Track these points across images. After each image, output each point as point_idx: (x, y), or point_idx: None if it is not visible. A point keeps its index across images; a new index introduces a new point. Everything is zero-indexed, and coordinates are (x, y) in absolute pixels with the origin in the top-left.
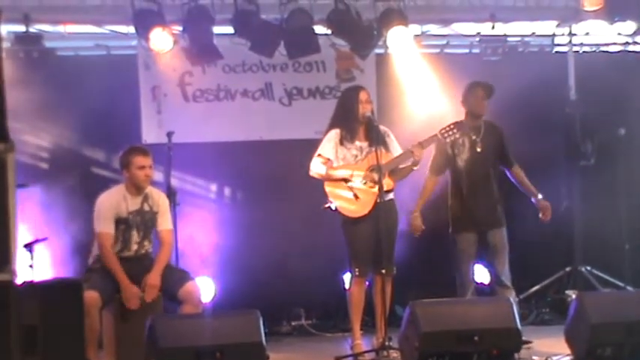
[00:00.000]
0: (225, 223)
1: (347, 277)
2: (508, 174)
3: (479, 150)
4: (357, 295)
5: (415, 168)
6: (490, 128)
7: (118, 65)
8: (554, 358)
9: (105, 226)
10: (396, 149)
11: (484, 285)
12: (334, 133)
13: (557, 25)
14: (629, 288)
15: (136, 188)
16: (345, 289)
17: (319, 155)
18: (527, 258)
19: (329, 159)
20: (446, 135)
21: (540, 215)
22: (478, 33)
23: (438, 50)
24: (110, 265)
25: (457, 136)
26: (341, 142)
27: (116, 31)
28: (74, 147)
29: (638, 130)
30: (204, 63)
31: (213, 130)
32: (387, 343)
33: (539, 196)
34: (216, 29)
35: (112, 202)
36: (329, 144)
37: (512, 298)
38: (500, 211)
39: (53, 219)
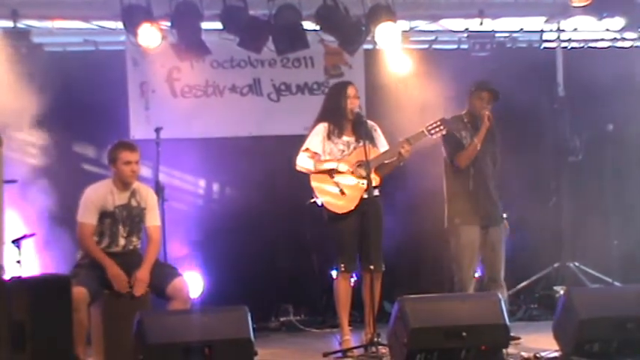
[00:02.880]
0: (214, 218)
1: (334, 273)
2: None
3: (479, 146)
4: (344, 291)
5: (401, 164)
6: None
7: (106, 61)
8: (543, 353)
9: (86, 217)
10: (383, 144)
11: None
12: (322, 127)
13: (546, 21)
14: (617, 284)
15: (123, 183)
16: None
17: (306, 149)
18: (515, 254)
19: (316, 153)
20: (432, 131)
21: None
22: (466, 29)
23: (426, 46)
24: (92, 253)
25: (444, 132)
26: (328, 137)
27: (104, 27)
28: (62, 142)
29: (626, 126)
30: (192, 59)
31: (201, 126)
32: (375, 339)
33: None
34: (205, 25)
35: (99, 194)
36: (316, 138)
37: (504, 295)
38: (501, 208)
39: (41, 215)
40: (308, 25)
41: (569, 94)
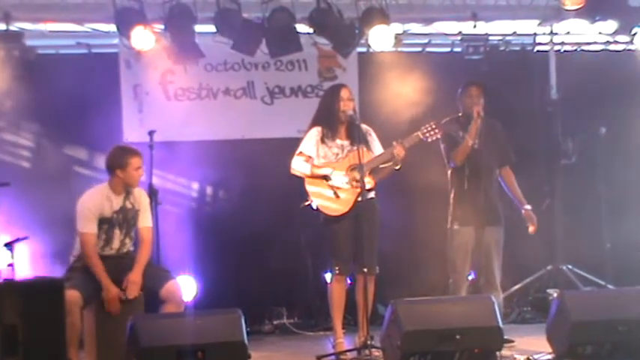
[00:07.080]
0: (207, 221)
1: (328, 276)
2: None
3: (475, 147)
4: (338, 294)
5: (396, 168)
6: (487, 125)
7: (99, 64)
8: (536, 356)
9: (88, 227)
10: (378, 148)
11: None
12: (315, 131)
13: (539, 24)
14: (609, 287)
15: (125, 188)
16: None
17: (300, 153)
18: (508, 256)
19: (310, 156)
20: (427, 135)
21: (529, 227)
22: (460, 32)
23: (419, 49)
24: (93, 266)
25: (439, 136)
26: (322, 140)
27: (97, 30)
28: (55, 145)
29: (619, 129)
30: (185, 62)
31: (194, 129)
32: (369, 342)
33: (527, 207)
34: (198, 28)
35: (96, 202)
36: (310, 141)
37: (499, 299)
38: (500, 210)
39: (34, 218)
40: (301, 28)
41: (562, 97)
